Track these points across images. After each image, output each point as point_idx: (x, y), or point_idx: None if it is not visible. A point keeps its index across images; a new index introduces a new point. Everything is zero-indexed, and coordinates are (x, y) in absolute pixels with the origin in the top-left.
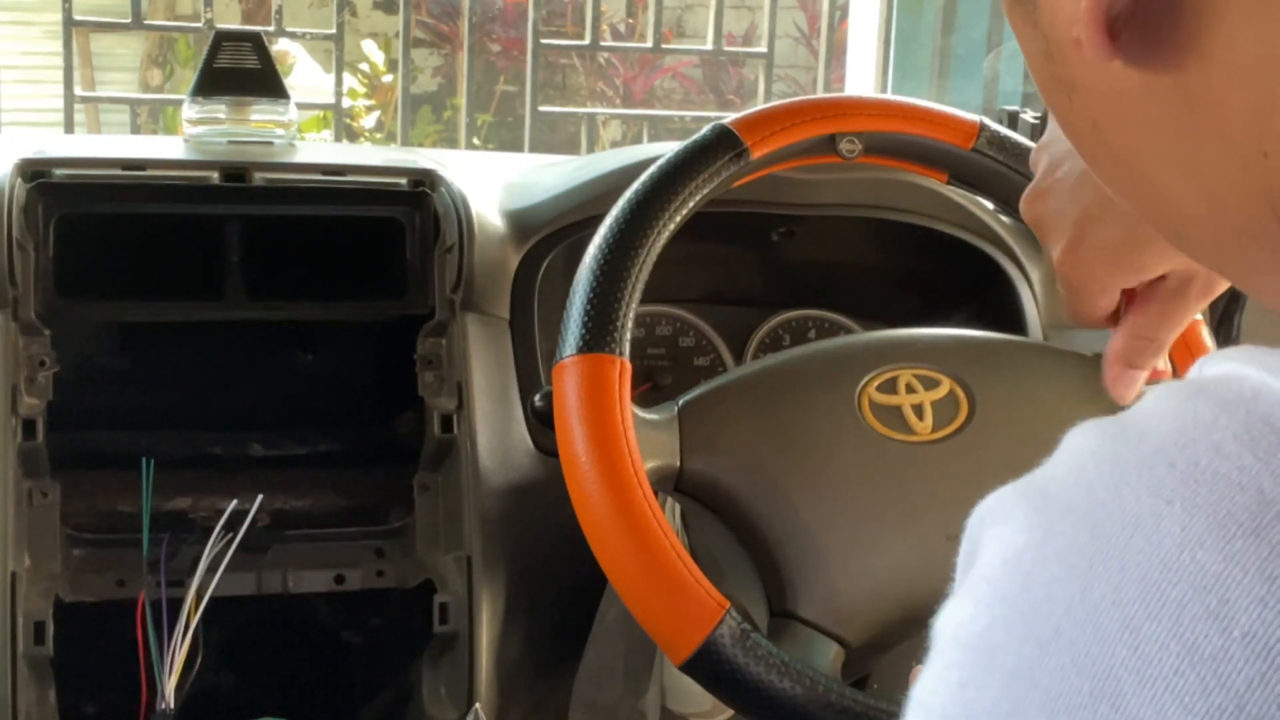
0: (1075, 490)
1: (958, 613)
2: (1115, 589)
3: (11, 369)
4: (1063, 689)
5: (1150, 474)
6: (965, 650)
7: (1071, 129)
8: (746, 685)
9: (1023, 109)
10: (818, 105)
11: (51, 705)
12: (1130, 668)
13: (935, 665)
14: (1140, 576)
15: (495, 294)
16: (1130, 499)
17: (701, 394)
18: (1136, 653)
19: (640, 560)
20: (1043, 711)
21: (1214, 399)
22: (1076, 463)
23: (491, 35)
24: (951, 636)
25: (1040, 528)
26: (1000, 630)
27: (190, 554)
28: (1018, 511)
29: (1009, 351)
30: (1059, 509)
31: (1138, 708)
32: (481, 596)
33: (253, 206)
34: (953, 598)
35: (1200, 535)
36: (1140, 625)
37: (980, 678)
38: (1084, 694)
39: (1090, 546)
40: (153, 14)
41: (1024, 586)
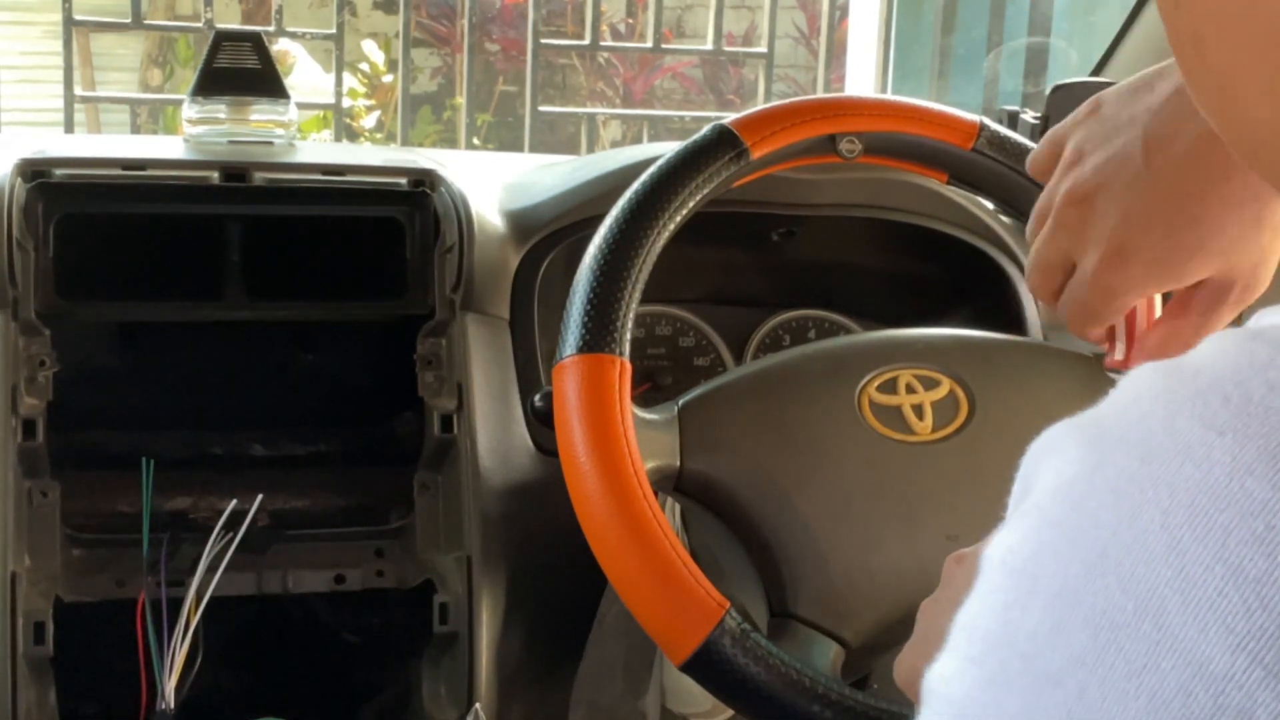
0: (1128, 422)
1: (1006, 540)
2: (1164, 513)
3: (11, 369)
4: (1106, 607)
5: (1204, 407)
6: (1011, 573)
7: (1175, 39)
8: (746, 685)
9: (1023, 109)
10: (818, 105)
11: (51, 705)
12: (1175, 587)
13: (980, 591)
14: (1189, 502)
15: (495, 294)
16: (1183, 429)
17: (701, 394)
18: (1181, 574)
19: (640, 560)
20: (1086, 629)
21: (1271, 342)
22: (1131, 397)
23: (491, 35)
24: (999, 562)
25: (1092, 457)
26: (1048, 554)
27: (190, 554)
28: (1070, 443)
29: (1009, 351)
30: (1111, 439)
31: (1180, 626)
32: (481, 596)
33: (253, 206)
34: (1001, 530)
35: (1250, 464)
36: (1187, 548)
37: (1025, 599)
38: (1128, 612)
39: (1140, 473)
40: (153, 14)
41: (1073, 512)
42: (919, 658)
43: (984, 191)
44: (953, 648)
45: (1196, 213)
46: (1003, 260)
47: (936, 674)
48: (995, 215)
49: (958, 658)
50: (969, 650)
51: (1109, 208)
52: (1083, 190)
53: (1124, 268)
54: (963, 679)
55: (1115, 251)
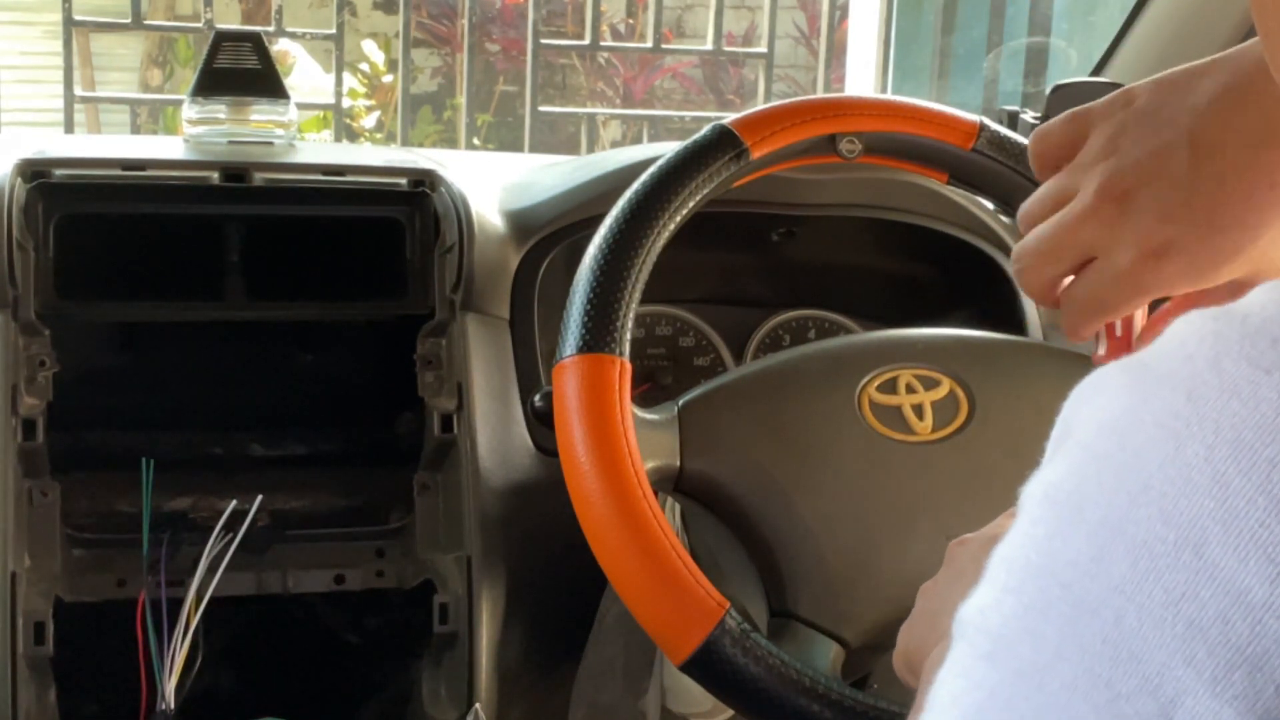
0: (1174, 361)
1: (1048, 476)
2: (1208, 448)
3: (11, 369)
4: (1148, 537)
5: (1251, 347)
6: (1054, 505)
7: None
8: (746, 685)
9: (1023, 109)
10: (818, 105)
11: (51, 705)
12: (1216, 518)
13: (1020, 525)
14: (1234, 438)
15: (495, 294)
16: (1230, 368)
17: (701, 394)
18: (1224, 505)
19: (640, 560)
20: (1127, 558)
21: None
22: (1177, 340)
23: (491, 35)
24: (1042, 497)
25: (1138, 394)
26: (1092, 486)
27: (190, 554)
28: (1116, 382)
29: (1009, 351)
30: (1157, 377)
31: (1220, 555)
32: (481, 596)
33: (253, 206)
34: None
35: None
36: (1230, 480)
37: (1067, 530)
38: (1169, 542)
39: (1186, 409)
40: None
41: (1118, 447)
42: (916, 637)
43: (984, 191)
44: (991, 579)
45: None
46: (1003, 260)
47: (973, 606)
48: (995, 215)
49: (995, 588)
50: (1008, 580)
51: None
52: (1123, 186)
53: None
54: (1000, 608)
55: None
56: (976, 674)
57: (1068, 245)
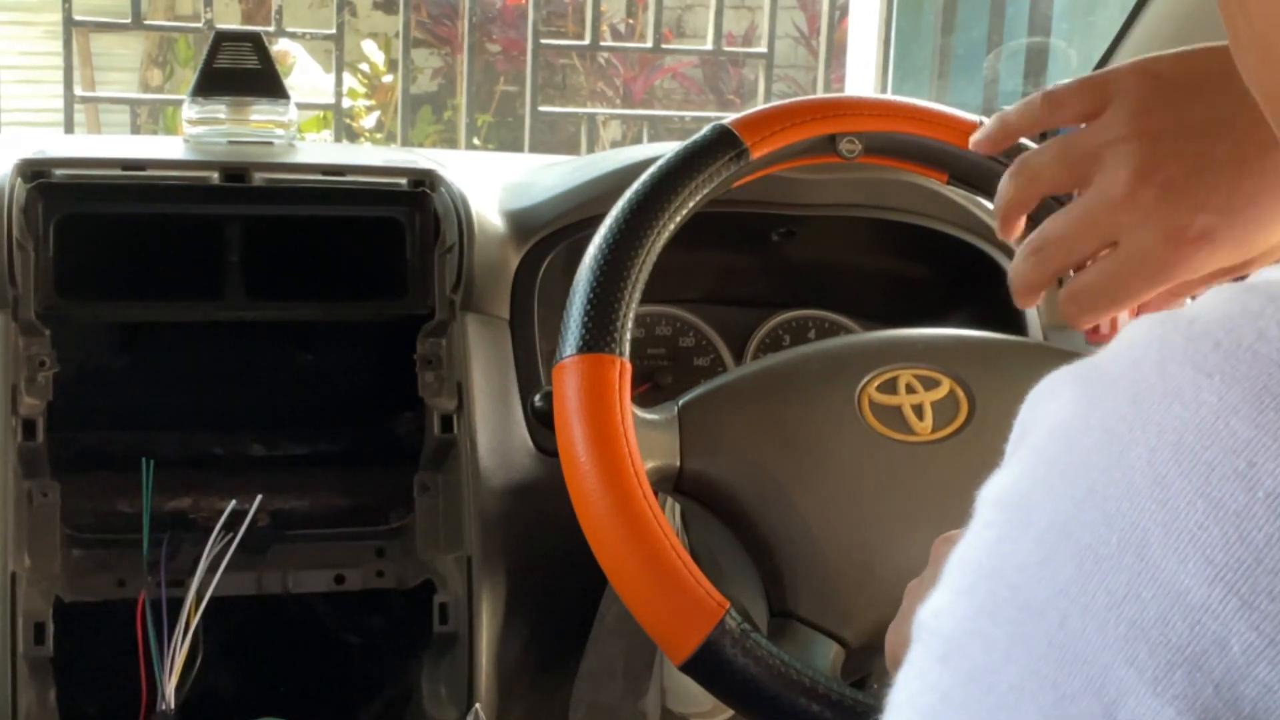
0: (1122, 365)
1: (1001, 480)
2: (1150, 450)
3: (11, 369)
4: (1092, 541)
5: (1195, 351)
6: (1005, 509)
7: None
8: (746, 685)
9: None
10: (818, 105)
11: (51, 705)
12: (1158, 521)
13: (974, 528)
14: (1175, 440)
15: (495, 294)
16: (1173, 371)
17: (701, 394)
18: (1165, 507)
19: (640, 560)
20: (1072, 561)
21: (1264, 293)
22: (1126, 344)
23: (491, 35)
24: (995, 500)
25: (1086, 399)
26: (1040, 490)
27: (190, 554)
28: (1068, 387)
29: (1009, 351)
30: (1105, 382)
31: (1161, 557)
32: (481, 596)
33: (253, 206)
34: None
35: (1235, 405)
36: (1171, 483)
37: (1016, 533)
38: (1112, 545)
39: (1130, 413)
40: (153, 14)
41: (1066, 450)
42: (900, 635)
43: (984, 191)
44: (945, 583)
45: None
46: (1003, 260)
47: (929, 610)
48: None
49: (950, 591)
50: (960, 583)
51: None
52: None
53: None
54: (953, 611)
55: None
56: (931, 676)
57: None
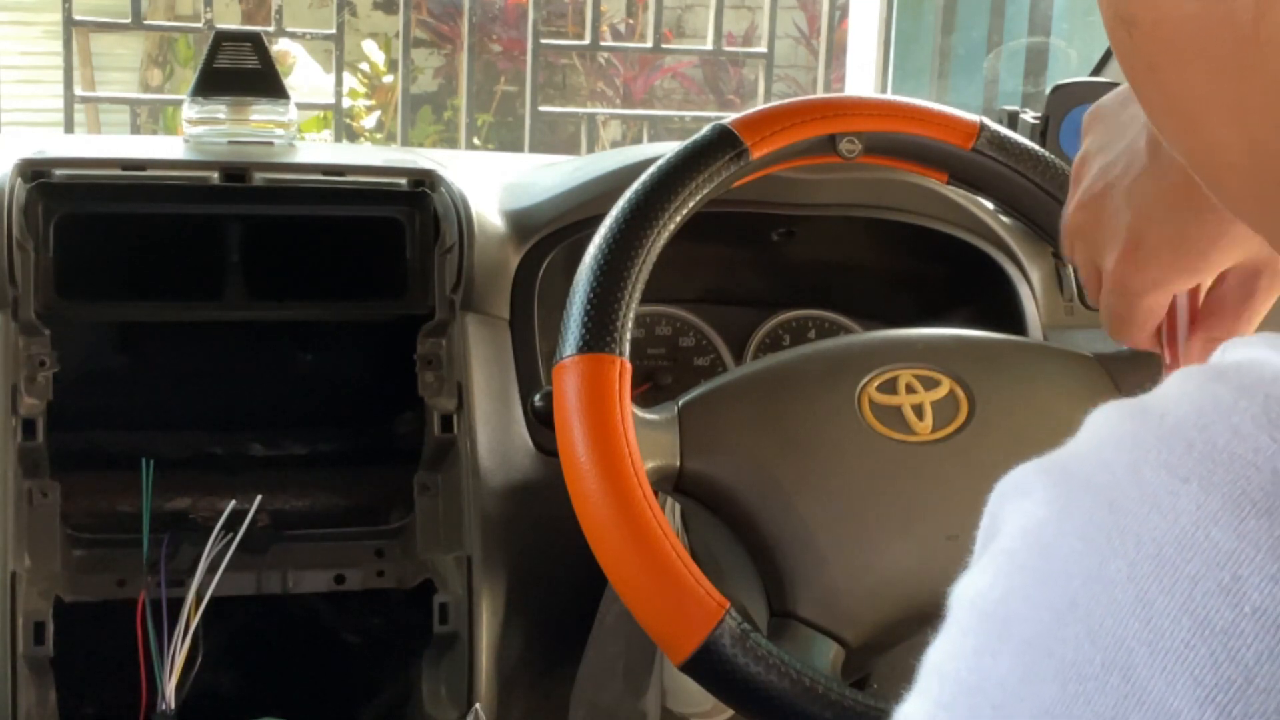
0: (1094, 467)
1: (977, 582)
2: (1131, 564)
3: (11, 369)
4: (1076, 658)
5: (1169, 453)
6: (982, 618)
7: (1130, 69)
8: (746, 685)
9: (1023, 109)
10: (818, 105)
11: (51, 705)
12: (1142, 639)
13: (951, 631)
14: (1155, 553)
15: (495, 294)
16: (1149, 477)
17: (701, 394)
18: (1149, 626)
19: (640, 560)
20: (1056, 680)
21: (1234, 383)
22: (1097, 441)
23: (492, 35)
24: (970, 604)
25: (1059, 502)
26: (1018, 599)
27: (190, 554)
28: (1038, 486)
29: (1009, 351)
30: (1078, 484)
31: (1148, 678)
32: (481, 596)
33: (253, 206)
34: (971, 568)
35: (1215, 513)
36: (1154, 599)
37: (995, 645)
38: (1096, 664)
39: (1108, 522)
40: (153, 14)
41: (1042, 558)
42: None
43: (984, 191)
44: (923, 690)
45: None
46: (1003, 260)
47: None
48: (995, 215)
49: (928, 701)
50: (940, 694)
51: (1120, 207)
52: (1091, 193)
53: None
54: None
55: (1131, 249)
56: None
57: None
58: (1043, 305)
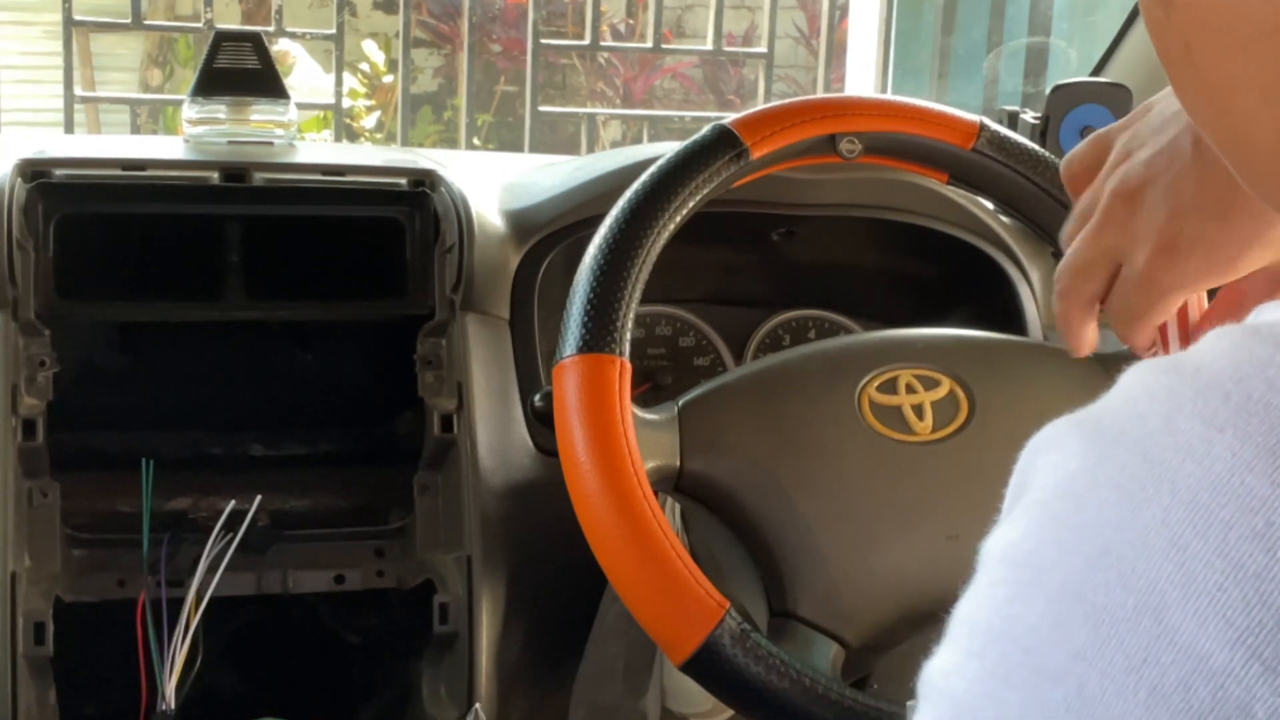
0: (1128, 419)
1: (1008, 534)
2: (1165, 510)
3: (11, 369)
4: (1108, 602)
5: (1204, 404)
6: (1014, 567)
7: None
8: (746, 685)
9: (1023, 109)
10: (818, 105)
11: (51, 705)
12: (1175, 582)
13: (981, 584)
14: (1190, 499)
15: (495, 294)
16: (1183, 427)
17: (701, 394)
18: (1182, 569)
19: (640, 560)
20: (1087, 624)
21: (1270, 340)
22: (1130, 395)
23: (492, 35)
24: (1001, 556)
25: (1093, 454)
26: (1051, 548)
27: (190, 554)
28: (1071, 440)
29: (1009, 351)
30: (1112, 436)
31: (1180, 620)
32: (481, 596)
33: (253, 206)
34: (1000, 524)
35: (1250, 461)
36: (1187, 543)
37: (1028, 593)
38: (1128, 607)
39: (1142, 471)
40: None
41: (1076, 508)
42: None
43: (984, 191)
44: (952, 641)
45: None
46: (1003, 260)
47: (936, 668)
48: (995, 215)
49: (958, 651)
50: (969, 644)
51: (1159, 202)
52: (1131, 185)
53: (1176, 263)
54: (963, 673)
55: (1167, 246)
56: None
57: (1094, 257)
58: (1043, 305)
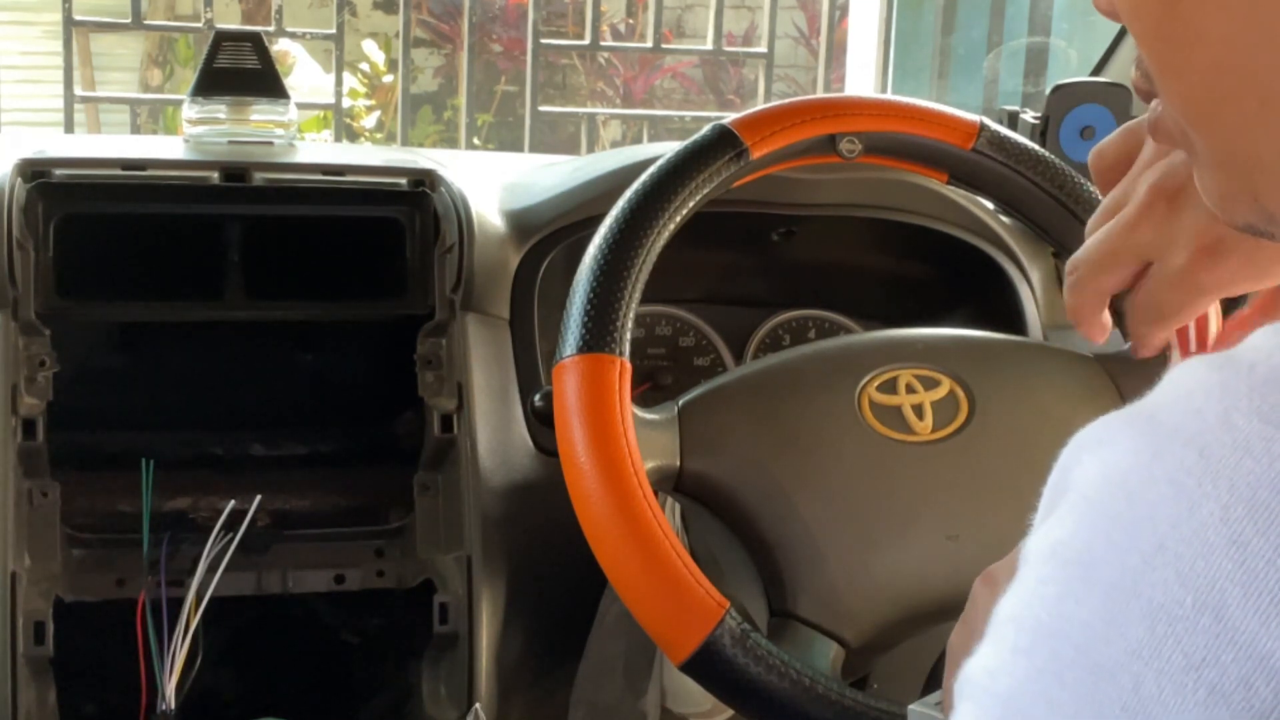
0: (1183, 415)
1: (1056, 532)
2: (1224, 507)
3: (11, 369)
4: (1165, 600)
5: (1260, 401)
6: (1064, 565)
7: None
8: (746, 685)
9: (1023, 109)
10: (818, 105)
11: (51, 705)
12: (1235, 580)
13: (1028, 582)
14: (1249, 497)
15: (495, 294)
16: (1240, 423)
17: (701, 394)
18: (1242, 566)
19: (640, 560)
20: (1144, 621)
21: None
22: (1184, 390)
23: (492, 35)
24: (1049, 554)
25: (1147, 450)
26: (1102, 544)
27: (190, 554)
28: (1123, 435)
29: (1009, 351)
30: (1166, 432)
31: (1241, 619)
32: (481, 596)
33: (253, 206)
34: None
35: None
36: (1248, 541)
37: (1080, 590)
38: (1186, 605)
39: (1199, 467)
40: (153, 14)
41: (1128, 504)
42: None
43: (984, 191)
44: (998, 639)
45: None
46: (1003, 260)
47: (979, 667)
48: (995, 215)
49: (1004, 649)
50: (1017, 641)
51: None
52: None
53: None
54: (1011, 672)
55: (1210, 247)
56: None
57: (1123, 250)
58: (1043, 305)
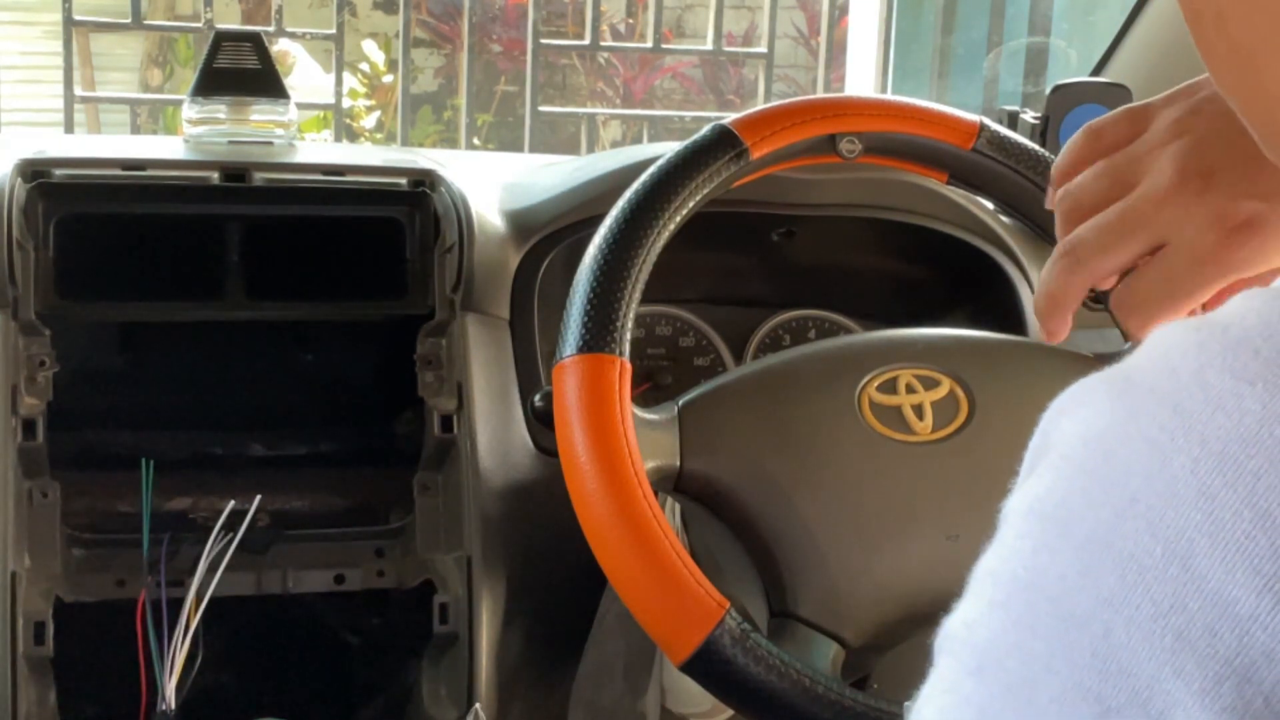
0: (1159, 374)
1: (1034, 489)
2: (1194, 460)
3: (11, 369)
4: (1135, 550)
5: (1234, 359)
6: (1041, 520)
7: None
8: (746, 685)
9: (1023, 109)
10: (818, 105)
11: (51, 705)
12: (1203, 530)
13: (1005, 538)
14: (1220, 450)
15: (495, 294)
16: (1214, 380)
17: (701, 394)
18: (1210, 517)
19: (640, 560)
20: (1115, 572)
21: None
22: (1160, 351)
23: (492, 35)
24: (1026, 510)
25: (1123, 408)
26: (1079, 499)
27: (190, 554)
28: (1100, 395)
29: (1009, 351)
30: (1142, 391)
31: (1207, 567)
32: (481, 596)
33: (253, 206)
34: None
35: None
36: (1216, 492)
37: (1055, 543)
38: (1156, 555)
39: (1172, 423)
40: (153, 14)
41: (1104, 460)
42: None
43: (984, 191)
44: (976, 593)
45: None
46: (1003, 260)
47: (958, 620)
48: (995, 215)
49: (981, 603)
50: (994, 594)
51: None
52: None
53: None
54: (987, 624)
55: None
56: (964, 689)
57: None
58: None
